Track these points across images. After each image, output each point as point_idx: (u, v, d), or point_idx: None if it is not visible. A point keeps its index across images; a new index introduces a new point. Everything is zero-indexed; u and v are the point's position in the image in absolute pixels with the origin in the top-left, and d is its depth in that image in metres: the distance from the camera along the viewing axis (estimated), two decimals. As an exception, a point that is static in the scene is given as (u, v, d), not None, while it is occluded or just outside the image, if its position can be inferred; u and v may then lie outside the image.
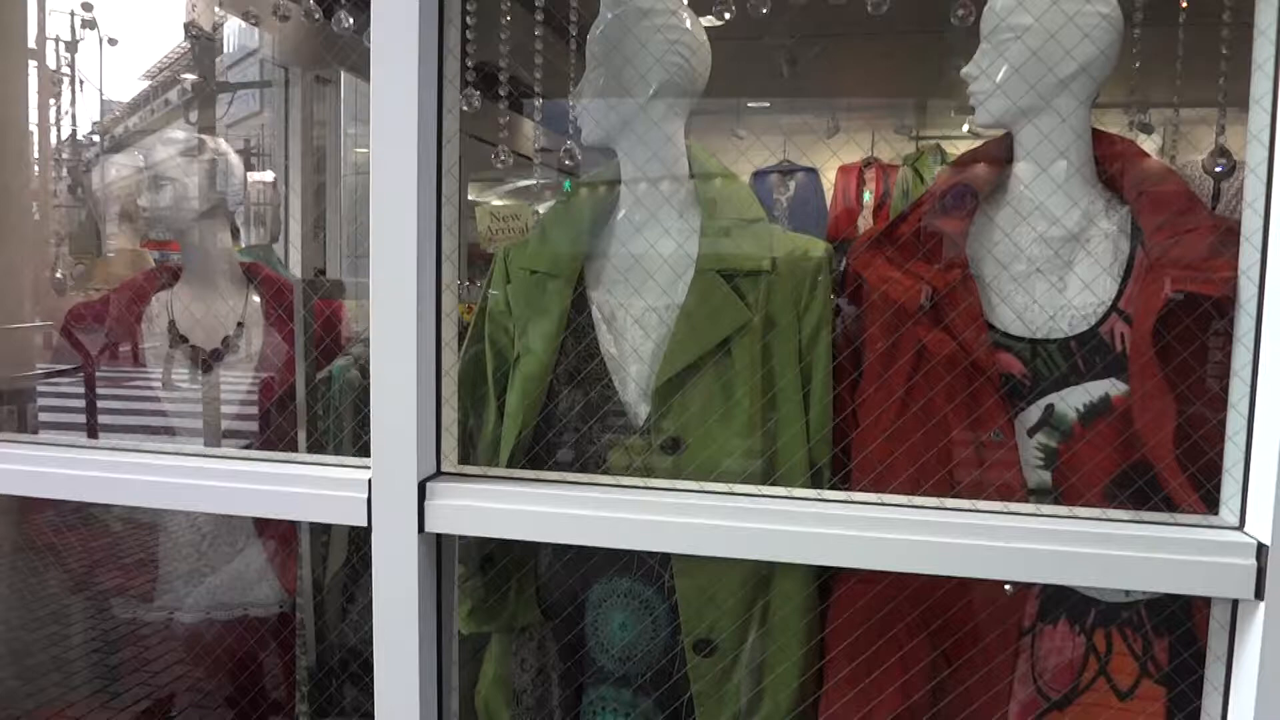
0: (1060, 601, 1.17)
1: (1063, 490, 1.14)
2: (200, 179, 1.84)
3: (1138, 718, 1.17)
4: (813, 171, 3.26)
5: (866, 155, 3.36)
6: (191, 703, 1.77)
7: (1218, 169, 1.26)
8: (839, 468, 1.21)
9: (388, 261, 1.15)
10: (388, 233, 1.15)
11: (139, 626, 1.82)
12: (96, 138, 2.54)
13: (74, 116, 2.47)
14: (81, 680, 1.86)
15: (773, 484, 1.20)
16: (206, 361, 1.81)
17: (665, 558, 1.27)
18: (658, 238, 1.26)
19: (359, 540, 1.67)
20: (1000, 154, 1.22)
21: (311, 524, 1.77)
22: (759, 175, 3.11)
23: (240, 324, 1.84)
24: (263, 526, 1.81)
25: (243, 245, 2.08)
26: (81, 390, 1.84)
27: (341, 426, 1.70)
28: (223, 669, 1.80)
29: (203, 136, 1.89)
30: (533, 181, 1.80)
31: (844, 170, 3.42)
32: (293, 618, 1.78)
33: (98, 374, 1.80)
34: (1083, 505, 1.10)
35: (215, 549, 1.81)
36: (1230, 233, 1.06)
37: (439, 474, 1.21)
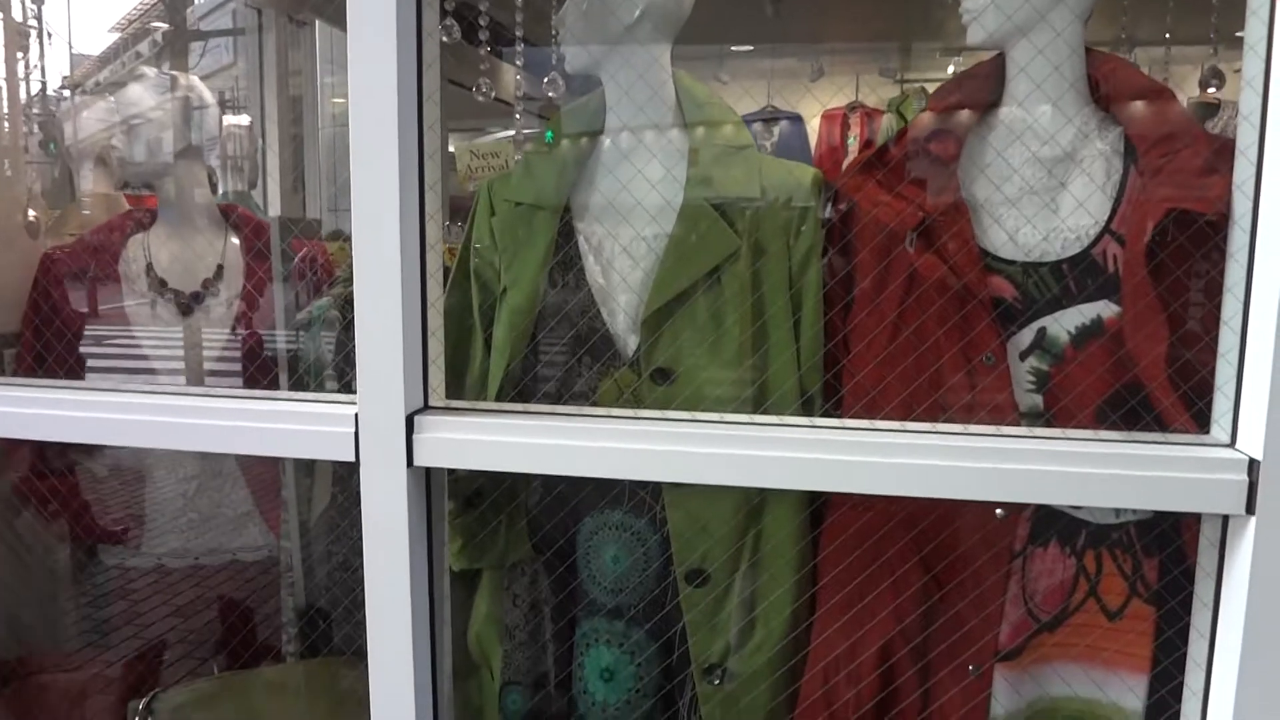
0: (1051, 524, 1.18)
1: (1054, 412, 1.14)
2: (174, 118, 1.79)
3: (1126, 636, 1.18)
4: (797, 119, 3.22)
5: (851, 100, 3.32)
6: (182, 648, 1.77)
7: (1210, 89, 1.25)
8: (830, 394, 1.21)
9: (369, 190, 1.12)
10: (369, 159, 1.12)
11: (127, 573, 1.81)
12: (67, 92, 2.48)
13: (43, 70, 2.40)
14: (72, 627, 1.85)
15: (764, 413, 1.19)
16: (186, 305, 1.78)
17: (656, 489, 1.26)
18: (645, 163, 1.23)
19: (344, 480, 1.66)
20: (992, 74, 1.20)
21: (296, 466, 1.76)
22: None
23: (220, 266, 1.80)
24: (247, 471, 1.80)
25: (220, 193, 2.05)
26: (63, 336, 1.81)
27: (322, 366, 1.68)
28: (213, 614, 1.80)
29: (175, 74, 1.84)
30: (513, 132, 1.77)
31: (828, 117, 3.38)
32: (279, 560, 1.77)
33: (76, 317, 1.77)
34: (1074, 427, 1.10)
35: (201, 495, 1.80)
36: (1224, 149, 1.05)
37: (426, 408, 1.19)
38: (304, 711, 1.52)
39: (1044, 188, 1.16)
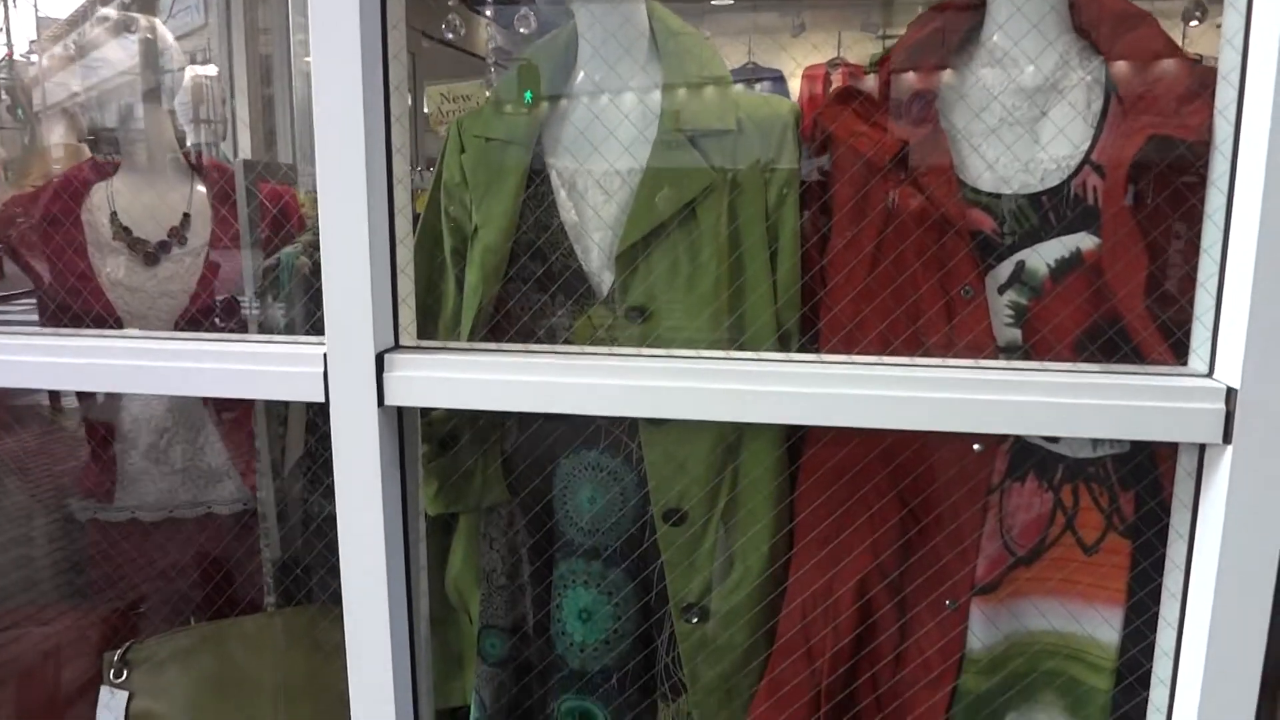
0: (1028, 458, 1.17)
1: (1033, 346, 1.13)
2: (137, 60, 1.74)
3: (1102, 570, 1.18)
4: (779, 78, 3.17)
5: (833, 57, 3.27)
6: (158, 601, 1.75)
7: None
8: (808, 328, 1.19)
9: (334, 120, 1.09)
10: (332, 90, 1.09)
11: (100, 527, 1.78)
12: (35, 57, 2.41)
13: (9, 33, 2.33)
14: (45, 581, 1.83)
15: (740, 349, 1.18)
16: (152, 254, 1.74)
17: (632, 428, 1.25)
18: (618, 92, 1.20)
19: (317, 428, 1.64)
20: (972, 2, 1.17)
21: (268, 415, 1.74)
22: (722, 83, 3.02)
23: (186, 214, 1.76)
24: (220, 421, 1.77)
25: (189, 145, 2.00)
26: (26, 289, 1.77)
27: (292, 315, 1.65)
28: (189, 567, 1.78)
29: (135, 15, 1.78)
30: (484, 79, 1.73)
31: (809, 76, 3.34)
32: (255, 512, 1.76)
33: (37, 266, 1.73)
34: (1053, 361, 1.09)
35: (173, 446, 1.77)
36: (1206, 76, 1.03)
37: (397, 347, 1.17)
38: (282, 660, 1.51)
39: (1024, 118, 1.14)
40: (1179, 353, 1.07)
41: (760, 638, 1.25)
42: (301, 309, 1.66)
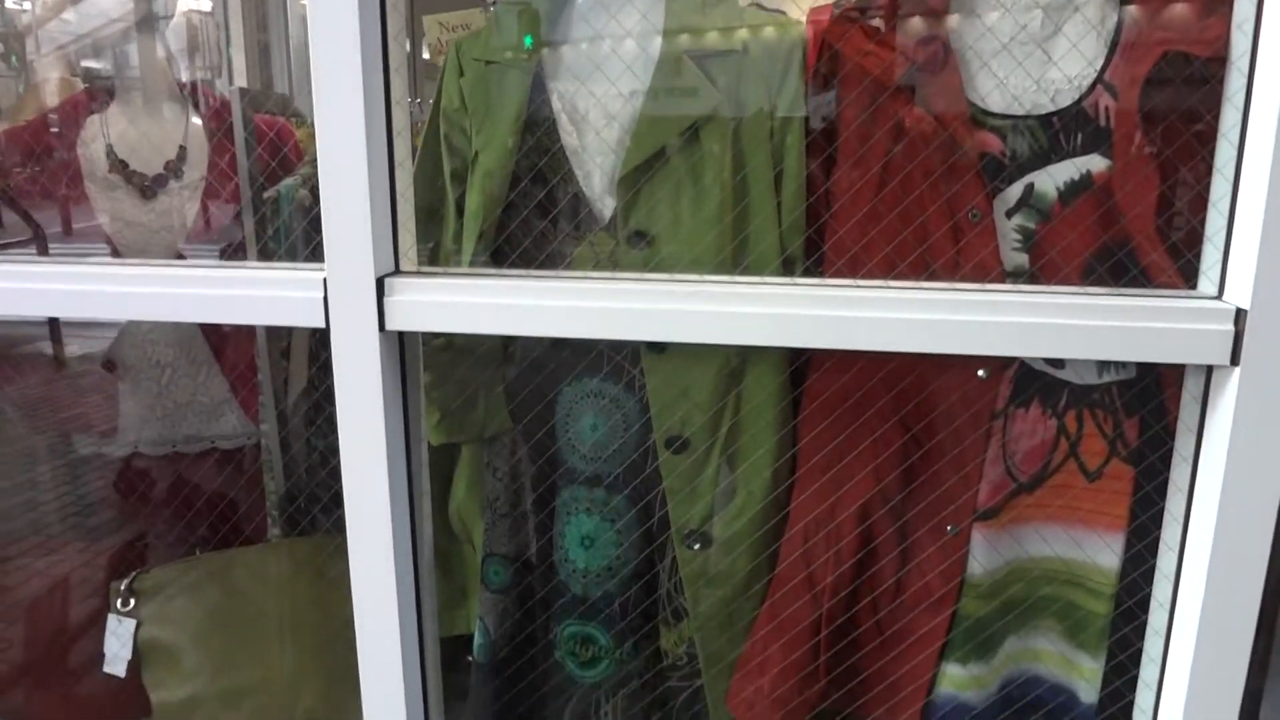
0: (1032, 384, 1.17)
1: (1040, 268, 1.12)
2: (130, 6, 1.71)
3: (1104, 496, 1.18)
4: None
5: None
6: (163, 534, 1.76)
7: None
8: (812, 252, 1.18)
9: (330, 40, 1.07)
10: (328, 9, 1.06)
11: (104, 461, 1.79)
12: (27, 4, 2.36)
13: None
14: (51, 515, 1.84)
15: (743, 274, 1.16)
16: (149, 188, 1.72)
17: (634, 355, 1.24)
18: (620, 11, 1.17)
19: (318, 356, 1.64)
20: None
21: (270, 349, 1.73)
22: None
23: (182, 147, 1.74)
24: (221, 356, 1.77)
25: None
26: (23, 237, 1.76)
27: (293, 249, 1.63)
28: (194, 500, 1.79)
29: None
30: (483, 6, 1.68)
31: (814, 20, 3.26)
32: (260, 446, 1.76)
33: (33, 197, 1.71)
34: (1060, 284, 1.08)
35: (175, 382, 1.77)
36: (1223, -10, 1.01)
37: (397, 271, 1.16)
38: (287, 587, 1.52)
39: (1037, 34, 1.11)
40: (1188, 276, 1.06)
41: (762, 563, 1.26)
42: (303, 240, 1.65)
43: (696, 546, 1.26)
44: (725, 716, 1.33)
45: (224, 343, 1.78)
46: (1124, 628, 1.18)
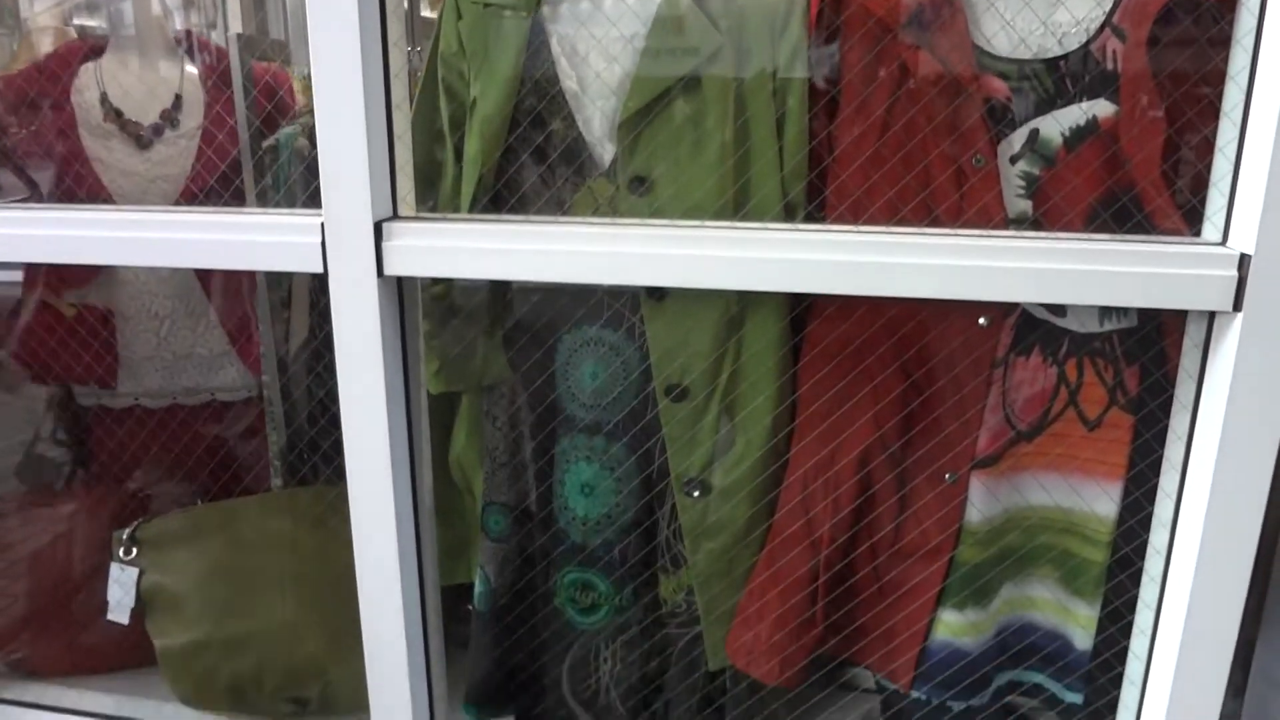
0: (1033, 332, 1.16)
1: (1043, 214, 1.11)
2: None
3: (1103, 445, 1.18)
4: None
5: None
6: (165, 485, 1.77)
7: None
8: (814, 197, 1.17)
9: (324, -22, 1.05)
10: (322, -56, 1.04)
11: (105, 412, 1.79)
12: None
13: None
14: (50, 465, 1.85)
15: (743, 218, 1.16)
16: (144, 137, 1.70)
17: (634, 303, 1.24)
18: (621, -51, 1.16)
19: (317, 305, 1.63)
20: None
21: (271, 299, 1.73)
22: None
23: (178, 96, 1.72)
24: (220, 307, 1.76)
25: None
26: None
27: (291, 198, 1.62)
28: (195, 452, 1.79)
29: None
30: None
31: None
32: (261, 398, 1.76)
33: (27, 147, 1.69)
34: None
35: (175, 333, 1.77)
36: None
37: (395, 217, 1.15)
38: (289, 535, 1.53)
39: (1044, -25, 1.10)
40: (1192, 223, 1.05)
41: (760, 511, 1.27)
42: (302, 189, 1.63)
43: (695, 494, 1.26)
44: (723, 663, 1.34)
45: (222, 294, 1.77)
46: (1120, 575, 1.19)
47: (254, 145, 1.66)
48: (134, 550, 1.55)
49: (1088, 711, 1.26)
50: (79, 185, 1.66)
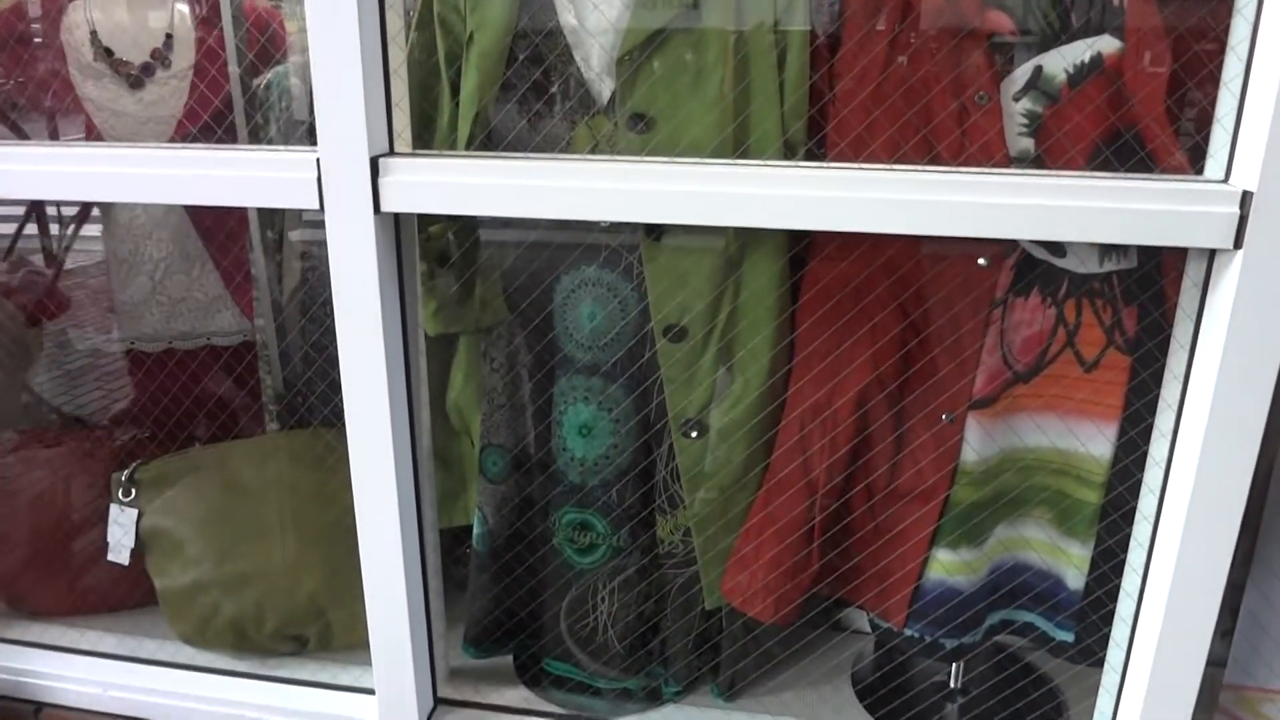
0: (1032, 272, 1.16)
1: (1045, 151, 1.10)
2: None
3: (1099, 386, 1.18)
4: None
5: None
6: (162, 431, 1.77)
7: None
8: (815, 132, 1.15)
9: (317, -97, 1.03)
10: None
11: (100, 357, 1.79)
12: None
13: None
14: (48, 407, 1.85)
15: (743, 154, 1.14)
16: (136, 77, 1.68)
17: (633, 243, 1.23)
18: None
19: (310, 256, 1.62)
20: None
21: (264, 244, 1.72)
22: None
23: (169, 35, 1.69)
24: (215, 252, 1.75)
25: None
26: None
27: (285, 138, 1.60)
28: (191, 395, 1.79)
29: None
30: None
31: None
32: (255, 343, 1.76)
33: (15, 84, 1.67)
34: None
35: (170, 278, 1.76)
36: None
37: (392, 153, 1.14)
38: (287, 475, 1.53)
39: (1050, -94, 1.08)
40: (1195, 161, 1.05)
41: (758, 451, 1.27)
42: (294, 129, 1.61)
43: (693, 435, 1.26)
44: (720, 602, 1.36)
45: (217, 238, 1.76)
46: (1113, 515, 1.20)
47: (245, 84, 1.64)
48: (133, 492, 1.55)
49: (1078, 649, 1.28)
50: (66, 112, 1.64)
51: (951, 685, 1.45)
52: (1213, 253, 1.02)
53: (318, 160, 1.12)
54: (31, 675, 1.52)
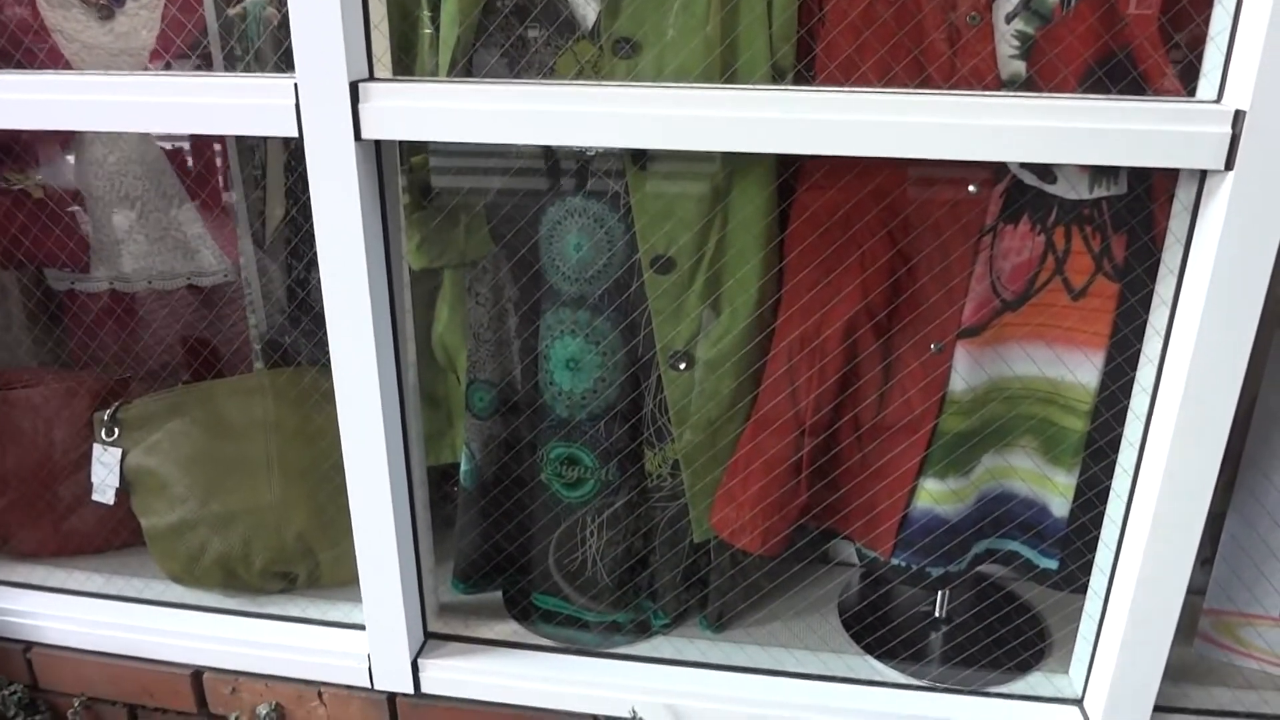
0: (1021, 199, 1.15)
1: (1037, 73, 1.08)
2: None
3: (1086, 313, 1.18)
4: None
5: None
6: (144, 371, 1.75)
7: None
8: (803, 56, 1.13)
9: None
10: None
11: (77, 297, 1.76)
12: None
13: None
14: (24, 349, 1.83)
15: (731, 78, 1.12)
16: (105, 7, 1.63)
17: (619, 172, 1.21)
18: None
19: (295, 195, 1.60)
20: None
21: (244, 179, 1.68)
22: None
23: (140, -40, 1.64)
24: (194, 189, 1.72)
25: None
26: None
27: (264, 68, 1.56)
28: (172, 338, 1.77)
29: None
30: None
31: None
32: (237, 282, 1.74)
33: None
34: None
35: (147, 216, 1.73)
36: None
37: (372, 78, 1.11)
38: (273, 414, 1.52)
39: None
40: (1188, 84, 1.03)
41: (746, 382, 1.27)
42: (272, 63, 1.58)
43: (681, 367, 1.26)
44: (708, 535, 1.36)
45: (195, 175, 1.73)
46: (1099, 442, 1.21)
47: (220, 9, 1.59)
48: (116, 431, 1.54)
49: (1062, 575, 1.29)
50: (40, 62, 1.60)
51: (936, 614, 1.47)
52: (1204, 174, 1.01)
53: (295, 85, 1.09)
54: (21, 615, 1.52)
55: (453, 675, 1.39)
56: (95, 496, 1.56)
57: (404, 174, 1.27)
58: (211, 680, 1.46)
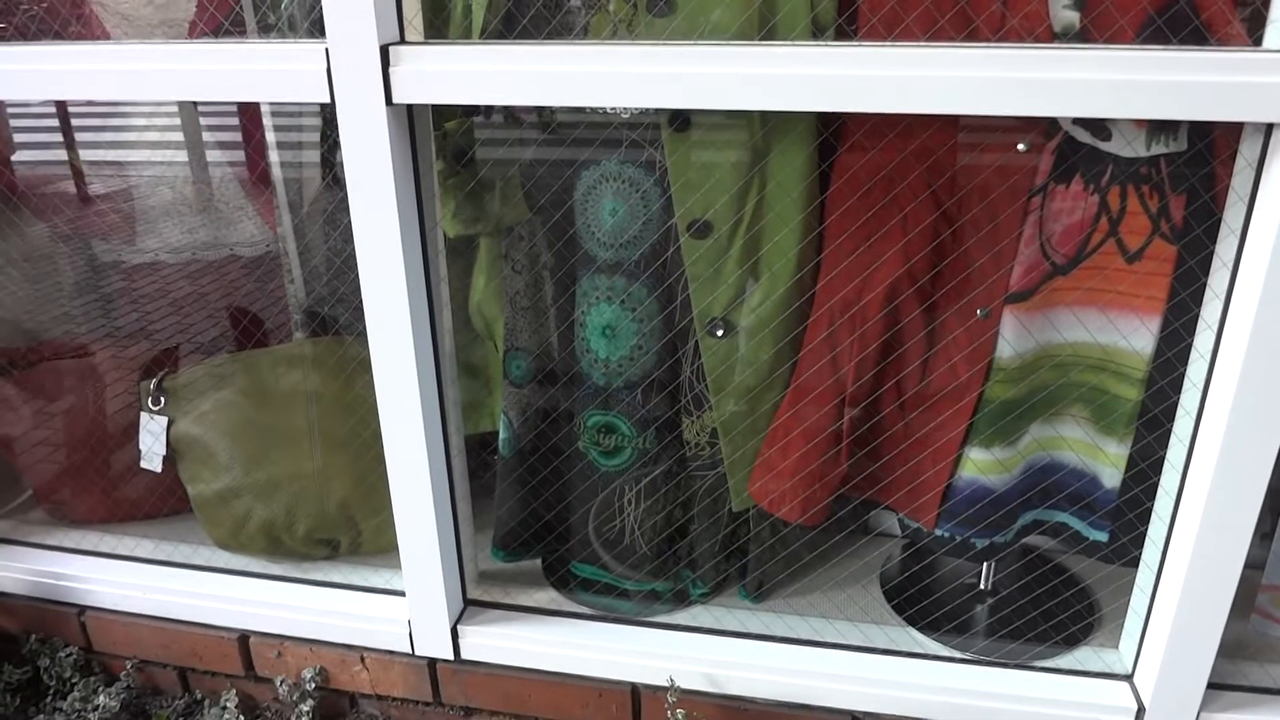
0: (1074, 157, 1.10)
1: (1092, 23, 1.03)
2: None
3: (1141, 277, 1.13)
4: None
5: None
6: (187, 338, 1.78)
7: None
8: (844, 10, 1.09)
9: None
10: None
11: (125, 268, 1.79)
12: None
13: None
14: (75, 319, 1.86)
15: (768, 35, 1.09)
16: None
17: (654, 135, 1.19)
18: None
19: (332, 164, 1.59)
20: None
21: (281, 152, 1.69)
22: None
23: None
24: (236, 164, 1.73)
25: None
26: None
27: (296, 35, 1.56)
28: (217, 306, 1.79)
29: None
30: None
31: None
32: (278, 251, 1.75)
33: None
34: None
35: (190, 187, 1.75)
36: None
37: (403, 41, 1.10)
38: (315, 383, 1.53)
39: None
40: (1253, 32, 0.98)
41: (785, 348, 1.24)
42: (304, 32, 1.57)
43: (718, 334, 1.24)
44: (747, 504, 1.35)
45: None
46: (1153, 410, 1.16)
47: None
48: (162, 400, 1.56)
49: (1112, 548, 1.26)
50: (79, 35, 1.61)
51: (981, 586, 1.44)
52: (1270, 128, 0.96)
53: (326, 50, 1.08)
54: (75, 580, 1.56)
55: (492, 641, 1.39)
56: (144, 464, 1.59)
57: (437, 139, 1.26)
58: (258, 644, 1.49)
